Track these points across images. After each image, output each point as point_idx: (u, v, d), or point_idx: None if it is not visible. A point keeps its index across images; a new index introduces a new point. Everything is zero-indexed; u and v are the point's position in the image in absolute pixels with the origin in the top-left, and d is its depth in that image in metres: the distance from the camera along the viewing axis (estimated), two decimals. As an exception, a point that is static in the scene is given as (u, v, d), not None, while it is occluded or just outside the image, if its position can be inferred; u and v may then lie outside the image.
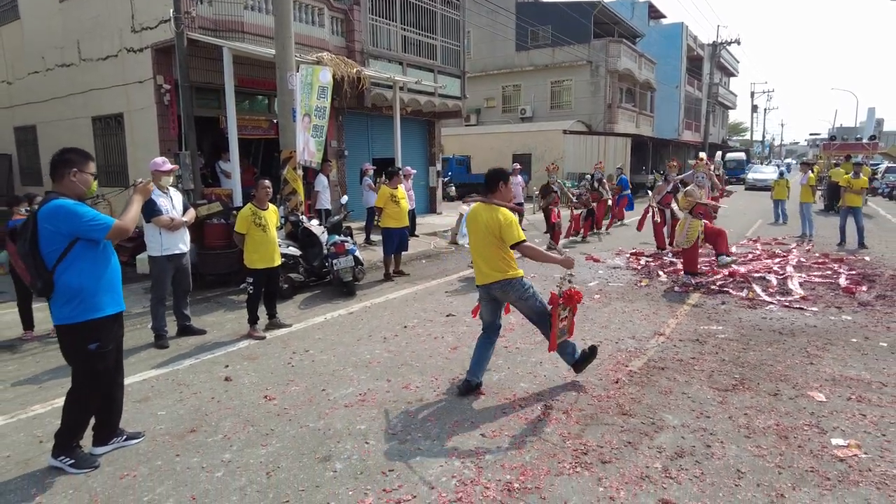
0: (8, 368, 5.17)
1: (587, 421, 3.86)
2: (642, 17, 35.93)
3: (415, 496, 3.00)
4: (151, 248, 5.84)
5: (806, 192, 13.61)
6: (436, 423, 3.86)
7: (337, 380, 4.66)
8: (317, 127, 9.07)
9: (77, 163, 3.29)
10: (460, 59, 17.06)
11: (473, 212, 4.40)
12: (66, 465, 3.30)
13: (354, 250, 7.80)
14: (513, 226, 4.17)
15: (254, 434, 3.74)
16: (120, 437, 3.62)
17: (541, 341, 5.61)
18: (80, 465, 3.32)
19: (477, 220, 4.31)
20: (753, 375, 4.67)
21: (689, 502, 2.95)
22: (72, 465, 3.31)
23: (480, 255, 4.36)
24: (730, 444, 3.54)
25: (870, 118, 77.97)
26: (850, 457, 3.37)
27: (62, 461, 3.31)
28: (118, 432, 3.62)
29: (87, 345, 3.31)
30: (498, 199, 4.31)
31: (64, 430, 3.33)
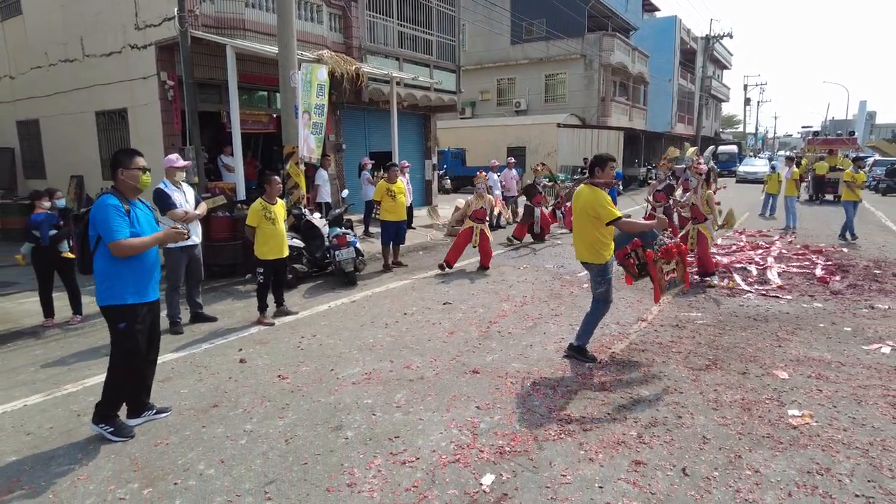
0: (35, 353, 5.55)
1: (571, 396, 4.28)
2: (636, 10, 36.21)
3: (418, 458, 3.41)
4: None
5: (790, 185, 14.08)
6: (435, 397, 4.27)
7: (344, 361, 5.07)
8: (316, 124, 9.42)
9: (123, 162, 3.69)
10: (456, 54, 17.38)
11: (577, 192, 4.88)
12: (106, 432, 3.70)
13: (355, 242, 8.18)
14: (606, 205, 4.58)
15: (271, 408, 4.14)
16: (150, 411, 4.01)
17: (531, 326, 6.05)
18: (118, 434, 3.71)
19: (578, 200, 4.80)
20: (726, 356, 5.10)
21: (658, 463, 3.37)
22: (111, 432, 3.70)
23: (577, 233, 4.86)
24: (698, 416, 3.96)
25: (861, 111, 78.68)
26: (802, 425, 3.80)
27: (102, 428, 3.71)
28: (148, 406, 4.01)
29: (117, 324, 3.73)
30: (598, 181, 4.75)
31: (104, 400, 3.73)
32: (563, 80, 28.80)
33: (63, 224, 6.29)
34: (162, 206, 6.06)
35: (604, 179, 4.78)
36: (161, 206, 6.06)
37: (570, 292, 7.52)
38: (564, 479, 3.19)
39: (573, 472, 3.26)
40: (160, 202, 6.08)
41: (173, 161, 6.13)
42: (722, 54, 48.61)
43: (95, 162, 12.59)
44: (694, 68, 41.60)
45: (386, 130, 14.92)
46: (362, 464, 3.37)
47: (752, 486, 3.11)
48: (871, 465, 3.31)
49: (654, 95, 35.35)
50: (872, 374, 4.67)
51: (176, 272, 6.23)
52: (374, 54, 14.27)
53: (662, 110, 36.87)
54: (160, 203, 6.08)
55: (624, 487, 3.12)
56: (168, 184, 6.15)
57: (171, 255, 6.22)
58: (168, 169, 6.09)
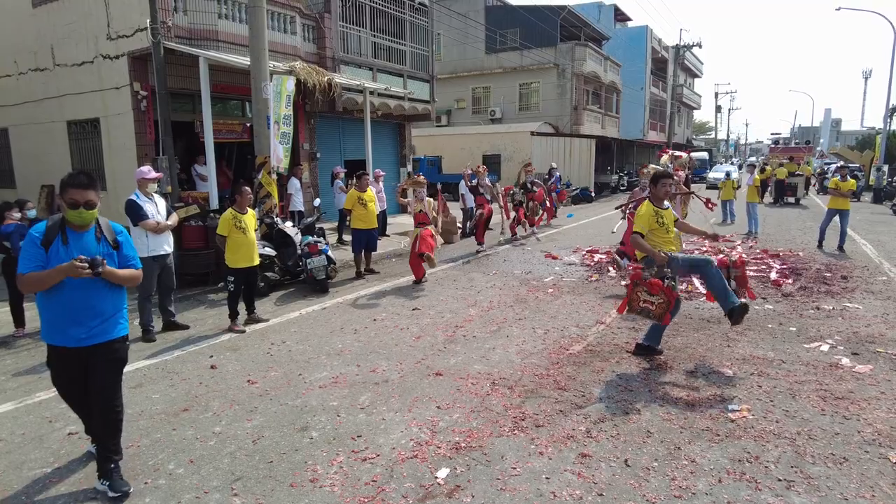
0: (6, 362, 5.61)
1: (527, 395, 4.52)
2: (608, 20, 36.96)
3: (378, 455, 3.61)
4: (138, 249, 6.27)
5: (752, 192, 14.60)
6: (398, 399, 4.47)
7: (312, 366, 5.24)
8: (284, 134, 9.58)
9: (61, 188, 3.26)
10: (429, 64, 17.66)
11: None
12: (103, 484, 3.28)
13: (327, 250, 8.35)
14: (639, 220, 5.23)
15: (240, 411, 4.30)
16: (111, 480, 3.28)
17: (495, 330, 6.29)
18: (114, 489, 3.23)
19: None
20: (677, 356, 5.39)
21: (603, 455, 3.61)
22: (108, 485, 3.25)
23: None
24: (645, 412, 4.23)
25: (826, 119, 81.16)
26: (740, 418, 4.09)
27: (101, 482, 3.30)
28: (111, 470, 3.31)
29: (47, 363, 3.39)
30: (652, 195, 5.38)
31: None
32: (537, 89, 29.30)
33: (34, 234, 6.34)
34: (133, 217, 6.18)
35: (657, 195, 5.32)
36: (133, 217, 6.18)
37: (536, 297, 7.78)
38: (514, 472, 3.42)
39: (523, 465, 3.49)
40: (132, 213, 6.20)
41: (145, 173, 6.26)
42: (693, 63, 49.78)
43: (67, 171, 12.47)
44: (665, 77, 42.56)
45: (361, 138, 15.09)
46: (325, 461, 3.56)
47: (687, 475, 3.38)
48: (796, 452, 3.60)
49: (626, 104, 36.07)
50: (809, 370, 4.99)
51: (148, 281, 6.32)
52: (347, 64, 14.47)
53: (635, 118, 37.61)
54: (132, 214, 6.20)
55: (569, 478, 3.35)
56: (140, 195, 6.27)
57: (143, 264, 6.31)
58: (140, 181, 6.22)
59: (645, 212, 5.22)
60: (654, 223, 5.19)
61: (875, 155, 28.09)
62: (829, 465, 3.46)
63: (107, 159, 11.79)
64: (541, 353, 5.47)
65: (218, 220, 9.24)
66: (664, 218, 5.25)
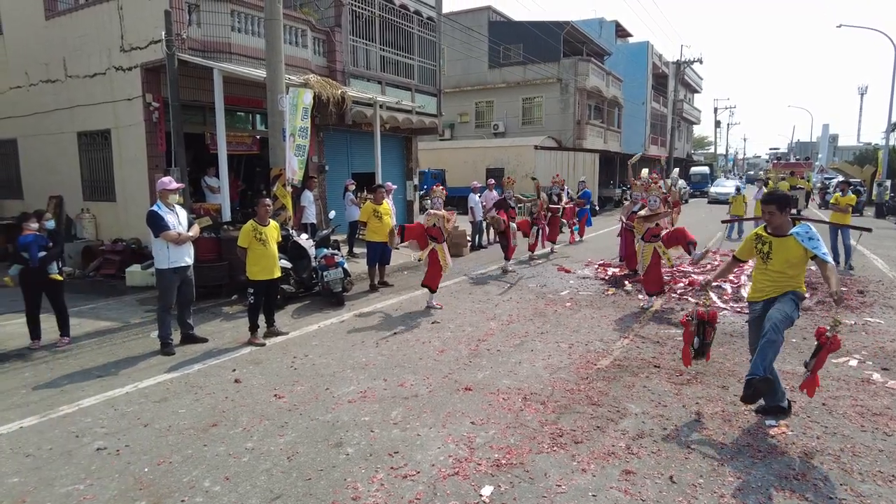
0: (24, 375, 5.52)
1: (561, 410, 4.46)
2: (609, 36, 37.28)
3: (418, 472, 3.54)
4: (159, 260, 6.25)
5: (760, 207, 14.62)
6: (431, 414, 4.40)
7: (338, 380, 5.17)
8: (299, 146, 9.58)
9: None
10: (436, 78, 17.74)
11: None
12: None
13: (343, 263, 8.30)
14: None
15: (270, 426, 4.23)
16: None
17: (518, 344, 6.23)
18: None
19: None
20: (706, 371, 5.34)
21: (647, 472, 3.55)
22: None
23: None
24: (682, 427, 4.17)
25: (824, 134, 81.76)
26: (779, 434, 4.03)
27: None
28: None
29: None
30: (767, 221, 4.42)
31: None
32: (540, 104, 29.43)
33: (52, 246, 6.31)
34: (155, 228, 6.12)
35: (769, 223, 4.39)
36: (154, 228, 6.13)
37: (554, 311, 7.73)
38: (559, 489, 3.35)
39: (567, 483, 3.42)
40: (153, 224, 6.15)
41: (167, 184, 6.22)
42: (693, 79, 50.16)
43: (76, 182, 12.52)
44: (666, 92, 42.85)
45: (368, 151, 15.14)
46: (365, 478, 3.48)
47: (735, 491, 3.31)
48: (842, 469, 3.55)
49: (627, 118, 36.26)
50: (841, 385, 4.95)
51: (169, 293, 6.27)
52: (357, 78, 14.52)
53: (636, 133, 37.79)
54: (153, 225, 6.15)
55: (616, 495, 3.29)
56: (161, 206, 6.23)
57: (163, 276, 6.26)
58: (162, 191, 6.18)
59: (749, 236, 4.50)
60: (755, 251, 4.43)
61: (878, 170, 28.21)
62: (878, 482, 3.40)
63: (117, 170, 11.75)
64: (568, 368, 5.41)
65: (231, 231, 9.29)
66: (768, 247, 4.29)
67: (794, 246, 4.18)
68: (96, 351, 6.27)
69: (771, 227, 4.32)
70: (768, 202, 4.35)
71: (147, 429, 4.24)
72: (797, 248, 4.17)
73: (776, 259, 4.24)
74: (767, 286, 4.35)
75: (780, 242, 4.23)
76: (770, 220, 4.31)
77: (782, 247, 4.22)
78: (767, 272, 4.31)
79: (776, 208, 4.27)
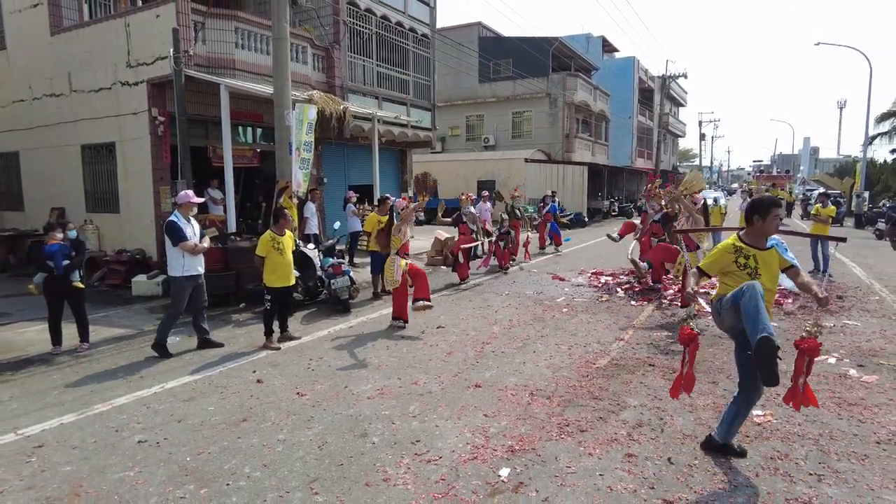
0: (53, 377, 5.79)
1: (566, 404, 4.82)
2: (596, 51, 38.17)
3: (441, 457, 3.89)
4: (174, 268, 6.55)
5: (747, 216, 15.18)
6: (446, 408, 4.75)
7: (355, 379, 5.50)
8: (304, 159, 9.96)
9: None
10: (430, 93, 18.25)
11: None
12: None
13: (349, 271, 8.64)
14: (714, 250, 3.93)
15: (297, 421, 4.55)
16: None
17: (521, 346, 6.60)
18: None
19: None
20: (696, 368, 5.71)
21: (647, 455, 3.92)
22: None
23: None
24: (678, 417, 4.55)
25: (805, 147, 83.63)
26: (765, 422, 4.43)
27: None
28: None
29: None
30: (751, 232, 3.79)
31: None
32: (530, 118, 30.06)
33: (75, 255, 6.58)
34: (174, 238, 6.43)
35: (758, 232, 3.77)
36: (173, 237, 6.44)
37: (552, 316, 8.12)
38: (569, 470, 3.71)
39: (576, 464, 3.78)
40: (172, 234, 6.45)
41: (191, 197, 6.58)
42: (678, 93, 51.26)
43: (79, 194, 12.74)
44: (652, 106, 43.79)
45: (364, 164, 15.56)
46: (392, 463, 3.82)
47: (727, 470, 3.70)
48: (821, 451, 3.95)
49: (614, 132, 37.04)
50: (821, 380, 5.37)
51: (181, 300, 6.54)
52: (354, 93, 14.95)
53: (623, 146, 38.58)
54: (172, 235, 6.45)
55: (620, 474, 3.66)
56: (180, 217, 6.54)
57: (177, 283, 6.56)
58: (186, 204, 6.52)
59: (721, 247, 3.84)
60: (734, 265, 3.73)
61: (856, 182, 29.11)
62: (853, 461, 3.81)
63: (121, 182, 12.00)
64: (569, 367, 5.79)
65: (238, 242, 9.61)
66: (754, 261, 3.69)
67: (776, 259, 3.78)
68: (117, 356, 6.54)
69: (764, 235, 3.78)
70: (778, 205, 3.78)
71: (181, 424, 4.53)
72: (777, 262, 3.79)
73: (765, 275, 3.68)
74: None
75: (764, 256, 3.74)
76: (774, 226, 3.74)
77: (767, 260, 3.74)
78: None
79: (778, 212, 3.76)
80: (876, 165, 36.55)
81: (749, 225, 3.81)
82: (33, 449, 4.12)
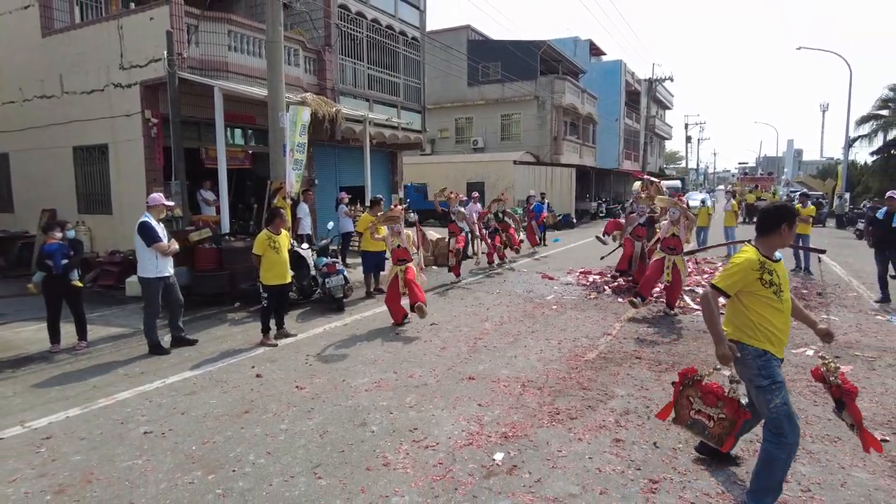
0: (53, 374, 5.89)
1: (556, 394, 5.03)
2: (584, 54, 38.60)
3: (438, 443, 4.07)
4: (146, 269, 6.61)
5: (729, 216, 15.54)
6: (441, 399, 4.93)
7: (352, 373, 5.66)
8: (297, 161, 10.07)
9: None
10: (421, 95, 18.45)
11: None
12: None
13: (343, 270, 8.79)
14: (729, 269, 3.25)
15: (298, 412, 4.71)
16: None
17: (512, 341, 6.80)
18: None
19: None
20: (681, 361, 5.97)
21: (634, 440, 4.13)
22: None
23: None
24: (662, 406, 4.76)
25: (789, 149, 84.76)
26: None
27: None
28: None
29: None
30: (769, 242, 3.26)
31: None
32: (518, 120, 30.36)
33: (74, 254, 6.69)
34: (148, 240, 6.52)
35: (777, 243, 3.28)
36: (147, 239, 6.53)
37: (542, 313, 8.33)
38: (560, 454, 3.91)
39: (567, 449, 3.98)
40: (146, 235, 6.53)
41: (162, 199, 6.75)
42: (664, 96, 51.91)
43: (71, 196, 12.77)
44: (639, 109, 44.34)
45: (355, 166, 15.71)
46: (392, 449, 3.99)
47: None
48: (797, 434, 4.17)
49: (602, 134, 37.45)
50: (799, 370, 5.62)
51: (156, 300, 6.61)
52: (345, 95, 15.10)
53: (610, 148, 39.01)
54: (146, 236, 6.52)
55: (608, 457, 3.86)
56: (151, 218, 6.66)
57: (150, 284, 6.62)
58: (157, 206, 6.68)
59: (744, 262, 3.18)
60: (758, 283, 3.15)
61: (837, 183, 29.73)
62: (825, 443, 4.05)
63: (114, 184, 12.05)
64: (559, 360, 6.00)
65: (231, 242, 9.72)
66: (777, 276, 3.19)
67: (782, 267, 3.31)
68: (115, 353, 6.64)
69: (781, 247, 3.32)
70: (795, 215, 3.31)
71: (185, 416, 4.67)
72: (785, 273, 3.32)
73: (786, 291, 3.24)
74: (786, 330, 3.28)
75: (781, 269, 3.27)
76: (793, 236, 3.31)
77: (784, 274, 3.27)
78: (784, 312, 3.23)
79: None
80: (857, 167, 37.32)
81: (769, 235, 3.25)
82: (42, 440, 4.24)
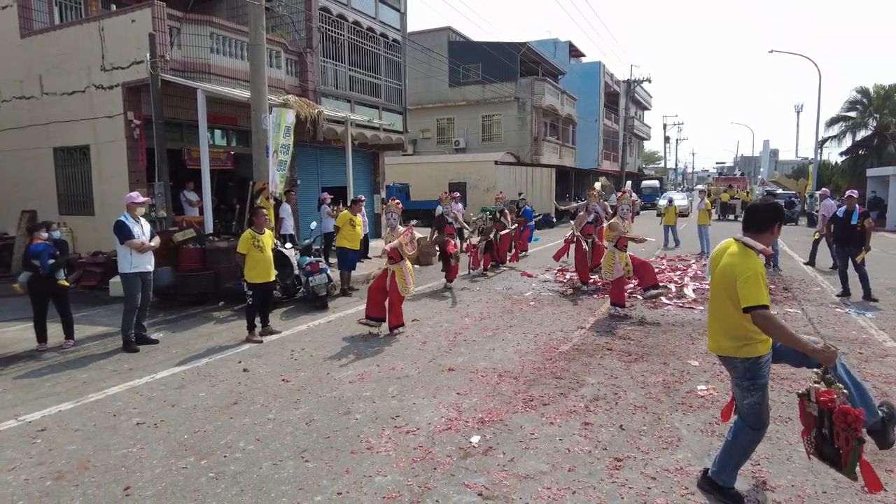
0: (42, 372, 6.01)
1: (531, 383, 5.30)
2: (563, 56, 39.14)
3: (418, 429, 4.31)
4: (123, 266, 6.85)
5: (703, 215, 15.99)
6: (422, 388, 5.18)
7: (336, 367, 5.88)
8: (281, 162, 10.26)
9: None
10: (402, 96, 18.67)
11: (719, 249, 3.34)
12: None
13: (327, 269, 8.99)
14: (753, 282, 2.97)
15: (284, 403, 4.92)
16: None
17: (491, 336, 7.07)
18: None
19: (716, 262, 3.27)
20: (650, 352, 6.29)
21: (602, 423, 4.42)
22: None
23: (712, 311, 3.34)
24: (630, 393, 5.07)
25: (765, 149, 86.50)
26: (707, 395, 4.98)
27: None
28: None
29: None
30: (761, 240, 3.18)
31: None
32: (499, 121, 30.74)
33: (60, 254, 6.80)
34: (121, 237, 6.73)
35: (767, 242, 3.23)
36: (120, 236, 6.73)
37: (521, 309, 8.62)
38: (533, 436, 4.17)
39: (539, 432, 4.25)
40: (120, 233, 6.75)
41: (134, 198, 6.95)
42: (643, 97, 52.78)
43: (52, 197, 12.77)
44: (618, 109, 45.04)
45: (337, 166, 15.89)
46: (375, 435, 4.23)
47: (671, 434, 4.21)
48: (752, 416, 4.49)
49: (581, 135, 38.04)
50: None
51: (133, 296, 6.80)
52: (327, 96, 15.27)
53: (590, 148, 39.63)
54: (119, 234, 6.74)
55: (578, 439, 4.14)
56: (129, 217, 6.85)
57: (128, 279, 6.82)
58: (130, 204, 6.87)
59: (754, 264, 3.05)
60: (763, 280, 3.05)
61: (808, 183, 30.54)
62: (778, 423, 4.36)
63: (96, 185, 12.08)
64: (535, 352, 6.28)
65: (215, 242, 9.85)
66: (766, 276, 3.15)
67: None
68: (103, 351, 6.77)
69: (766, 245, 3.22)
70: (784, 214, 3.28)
71: (175, 408, 4.85)
72: None
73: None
74: None
75: None
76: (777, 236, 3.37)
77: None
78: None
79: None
80: (828, 167, 38.32)
81: (762, 232, 3.22)
82: (37, 432, 4.39)
